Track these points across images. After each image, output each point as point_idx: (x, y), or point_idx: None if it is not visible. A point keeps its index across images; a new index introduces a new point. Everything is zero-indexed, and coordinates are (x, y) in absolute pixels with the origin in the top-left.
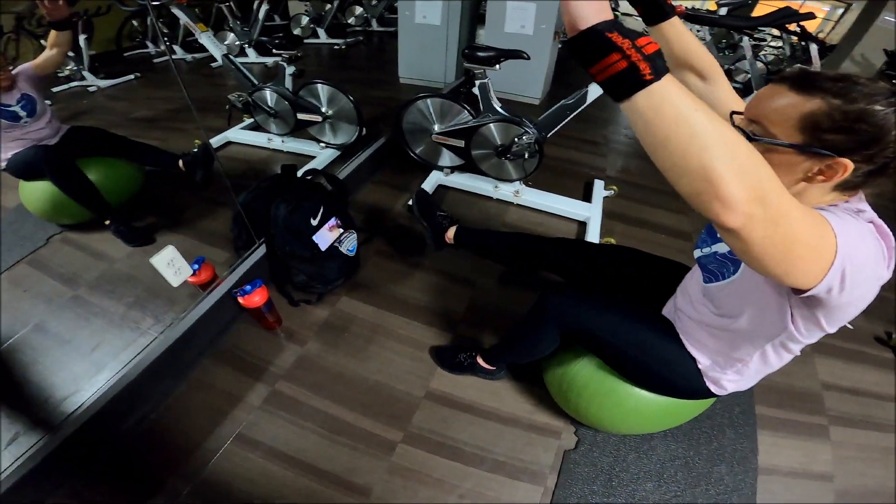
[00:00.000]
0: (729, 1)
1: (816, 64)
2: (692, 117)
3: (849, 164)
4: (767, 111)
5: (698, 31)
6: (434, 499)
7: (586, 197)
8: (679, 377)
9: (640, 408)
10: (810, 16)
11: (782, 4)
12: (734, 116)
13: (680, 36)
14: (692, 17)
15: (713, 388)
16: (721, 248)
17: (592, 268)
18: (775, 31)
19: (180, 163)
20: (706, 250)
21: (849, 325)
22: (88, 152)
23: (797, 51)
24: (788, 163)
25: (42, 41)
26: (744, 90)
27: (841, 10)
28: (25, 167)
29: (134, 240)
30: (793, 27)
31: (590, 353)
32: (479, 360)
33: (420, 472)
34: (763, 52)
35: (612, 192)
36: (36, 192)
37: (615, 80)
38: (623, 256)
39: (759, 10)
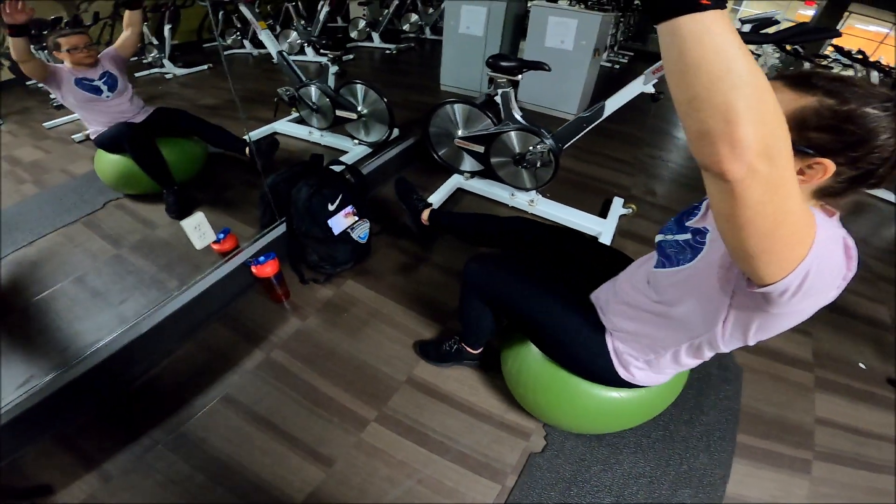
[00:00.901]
0: (752, 18)
1: None
2: (733, 53)
3: (830, 166)
4: None
5: (759, 55)
6: (392, 479)
7: (603, 213)
8: (587, 353)
9: (587, 399)
10: (834, 33)
11: (866, 35)
12: None
13: None
14: None
15: (622, 373)
16: (683, 237)
17: (549, 247)
18: (846, 60)
19: (247, 150)
20: (669, 237)
21: (862, 366)
22: (169, 132)
23: (883, 85)
24: None
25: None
26: None
27: None
28: (111, 141)
29: (175, 211)
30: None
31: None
32: (464, 344)
33: (385, 452)
34: None
35: (631, 210)
36: (111, 164)
37: None
38: (576, 238)
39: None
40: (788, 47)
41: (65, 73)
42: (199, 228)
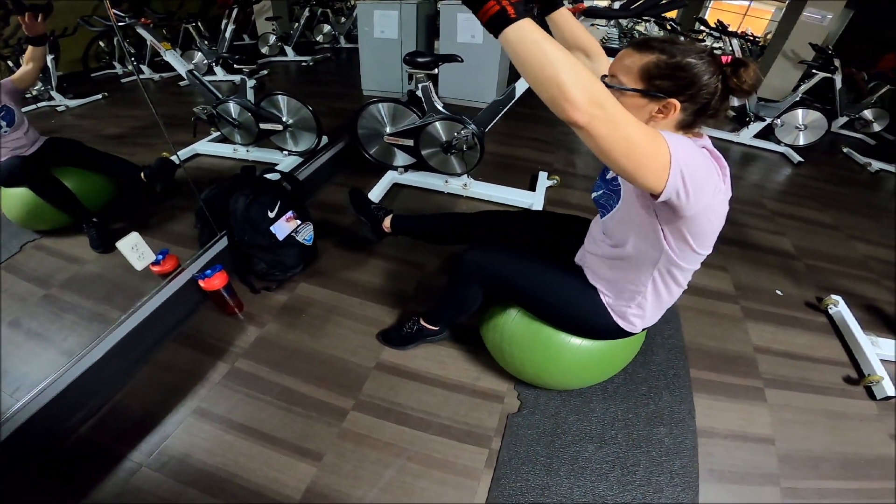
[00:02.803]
0: None
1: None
2: (544, 45)
3: (677, 104)
4: (620, 67)
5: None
6: (382, 461)
7: (532, 187)
8: (588, 313)
9: (569, 353)
10: (680, 4)
11: (735, 9)
12: (603, 78)
13: (567, 23)
14: (591, 12)
15: (622, 324)
16: (607, 188)
17: (514, 230)
18: (713, 32)
19: (142, 175)
20: (599, 192)
21: (779, 293)
22: (64, 162)
23: (745, 51)
24: (637, 105)
25: (9, 62)
26: None
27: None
28: (7, 175)
29: (98, 245)
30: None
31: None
32: (423, 323)
33: (369, 437)
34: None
35: (555, 181)
36: (14, 200)
37: (492, 19)
38: (539, 217)
39: (711, 15)
40: (668, 25)
41: None
42: (136, 248)
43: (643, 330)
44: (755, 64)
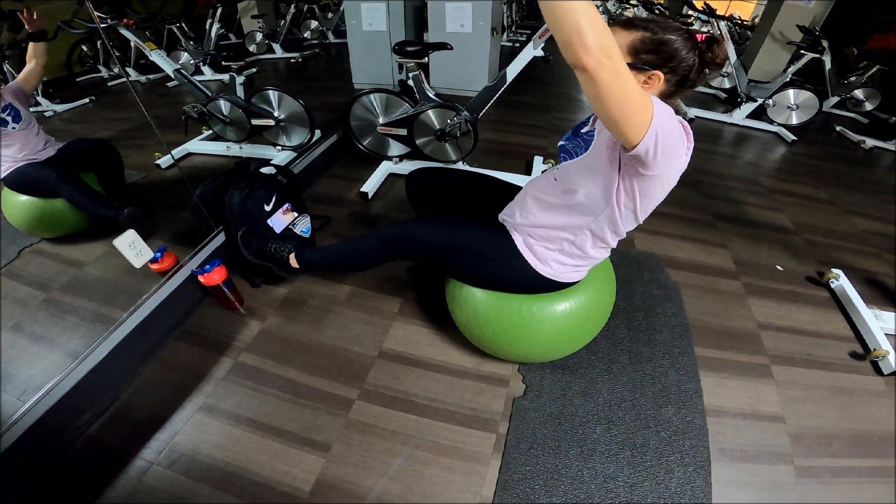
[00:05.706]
0: None
1: (727, 39)
2: None
3: (661, 75)
4: None
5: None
6: (390, 450)
7: (528, 172)
8: (500, 259)
9: (534, 321)
10: None
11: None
12: None
13: None
14: None
15: (542, 269)
16: (579, 139)
17: (449, 187)
18: (701, 16)
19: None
20: (567, 141)
21: (779, 268)
22: (88, 166)
23: (733, 34)
24: None
25: None
26: None
27: None
28: (28, 182)
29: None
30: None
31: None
32: (292, 259)
33: (376, 426)
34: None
35: (550, 164)
36: (20, 207)
37: None
38: (472, 177)
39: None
40: (656, 9)
41: None
42: (133, 246)
43: (567, 286)
44: (724, 42)
